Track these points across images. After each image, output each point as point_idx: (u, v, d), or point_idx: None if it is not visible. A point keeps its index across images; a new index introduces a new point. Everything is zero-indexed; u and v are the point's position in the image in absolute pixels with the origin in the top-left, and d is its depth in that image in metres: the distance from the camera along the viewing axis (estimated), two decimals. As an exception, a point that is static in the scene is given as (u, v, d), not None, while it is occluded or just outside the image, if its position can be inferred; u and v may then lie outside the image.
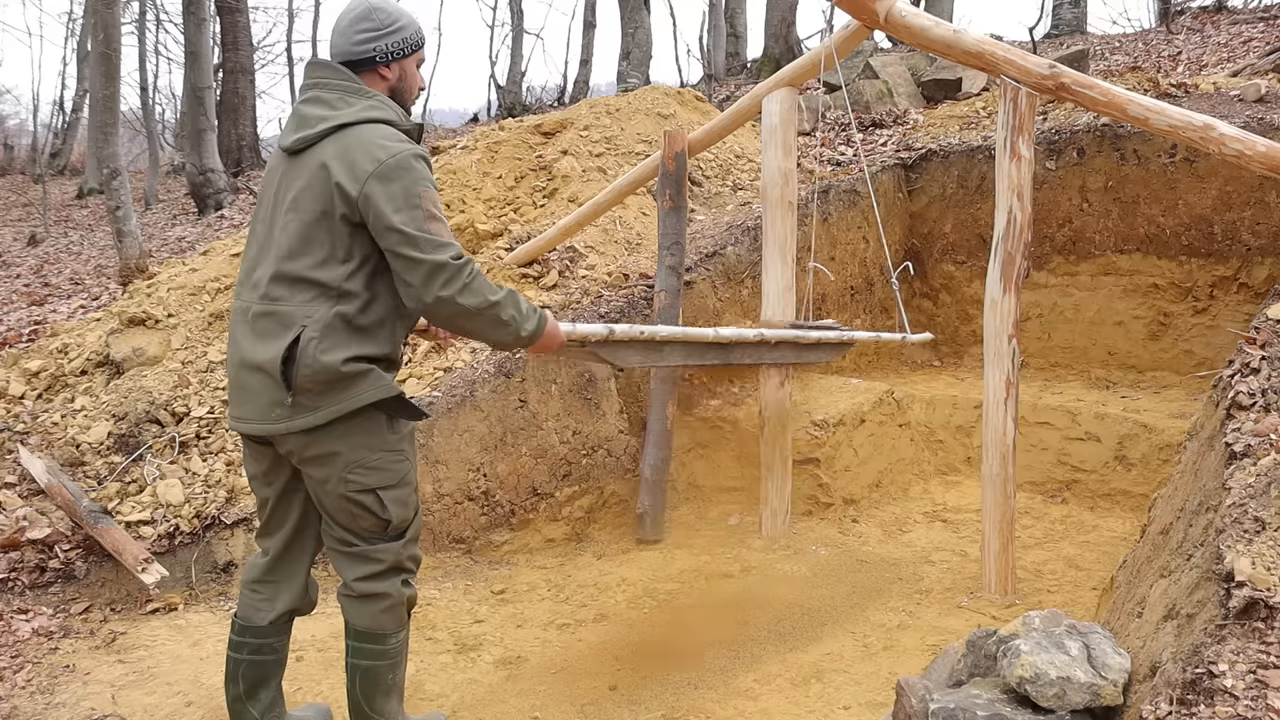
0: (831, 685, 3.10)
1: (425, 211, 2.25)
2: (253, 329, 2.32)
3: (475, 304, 2.28)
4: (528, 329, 2.41)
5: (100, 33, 8.75)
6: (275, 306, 2.29)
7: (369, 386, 2.30)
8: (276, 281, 2.29)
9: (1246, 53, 8.76)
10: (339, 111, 2.33)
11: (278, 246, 2.32)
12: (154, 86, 21.62)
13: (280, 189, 2.37)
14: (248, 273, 2.40)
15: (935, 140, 6.48)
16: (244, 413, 2.35)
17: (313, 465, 2.34)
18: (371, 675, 2.48)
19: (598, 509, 4.56)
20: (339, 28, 2.42)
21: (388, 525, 2.42)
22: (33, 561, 3.57)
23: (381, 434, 2.37)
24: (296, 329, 2.25)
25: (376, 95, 2.39)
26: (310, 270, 2.27)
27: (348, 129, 2.30)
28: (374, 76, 2.42)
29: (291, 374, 2.25)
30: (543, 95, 19.05)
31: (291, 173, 2.35)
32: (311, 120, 2.34)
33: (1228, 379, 2.81)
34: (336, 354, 2.25)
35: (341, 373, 2.26)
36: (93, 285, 9.12)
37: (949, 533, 4.44)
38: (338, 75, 2.38)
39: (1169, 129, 3.37)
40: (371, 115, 2.32)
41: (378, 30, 2.40)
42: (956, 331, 6.23)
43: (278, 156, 2.43)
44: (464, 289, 2.26)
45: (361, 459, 2.34)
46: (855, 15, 3.84)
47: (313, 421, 2.27)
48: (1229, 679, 1.69)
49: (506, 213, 5.80)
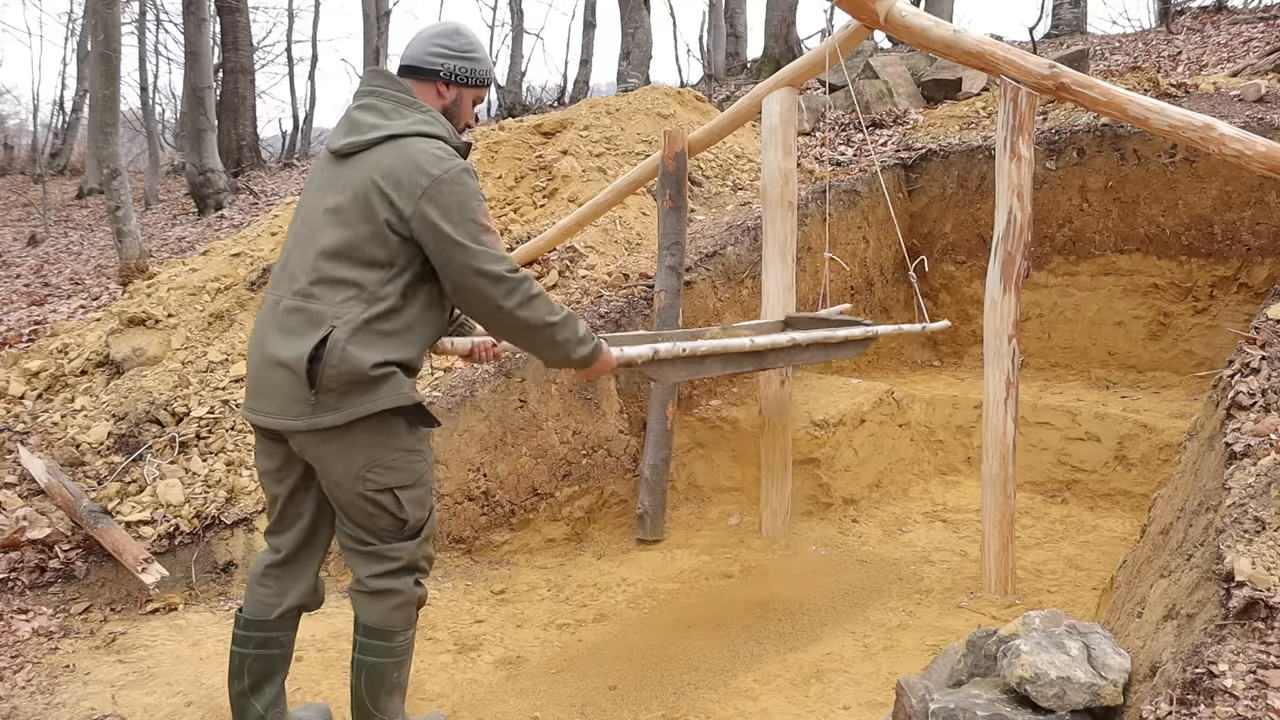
0: (831, 685, 3.10)
1: (480, 225, 2.29)
2: (281, 324, 2.34)
3: (534, 320, 2.36)
4: (580, 353, 2.49)
5: (100, 33, 8.75)
6: (307, 304, 2.31)
7: (390, 391, 2.32)
8: (313, 278, 2.32)
9: (1246, 53, 8.76)
10: (392, 121, 2.36)
11: (317, 245, 2.34)
12: (154, 86, 21.65)
13: (324, 190, 2.40)
14: (282, 266, 2.43)
15: (935, 140, 6.48)
16: (263, 406, 2.37)
17: (329, 463, 2.35)
18: (377, 672, 2.49)
19: (598, 509, 4.56)
20: (421, 35, 2.49)
21: (404, 524, 2.44)
22: (33, 561, 3.58)
23: (400, 435, 2.39)
24: (326, 328, 2.27)
25: (430, 110, 2.43)
26: (348, 272, 2.30)
27: (399, 140, 2.33)
28: (431, 90, 2.47)
29: (317, 372, 2.26)
30: (543, 95, 19.06)
31: (338, 176, 2.37)
32: (364, 127, 2.37)
33: (1228, 379, 2.81)
34: (364, 356, 2.27)
35: (367, 375, 2.28)
36: (93, 285, 9.12)
37: (949, 533, 4.44)
38: (395, 86, 2.43)
39: (1169, 129, 3.37)
40: (423, 129, 2.36)
41: (454, 51, 2.47)
42: (956, 331, 6.23)
43: (325, 158, 2.46)
44: (523, 303, 2.33)
45: (380, 459, 2.36)
46: (855, 15, 3.84)
47: (333, 421, 2.29)
48: (1229, 679, 1.69)
49: (506, 213, 5.80)
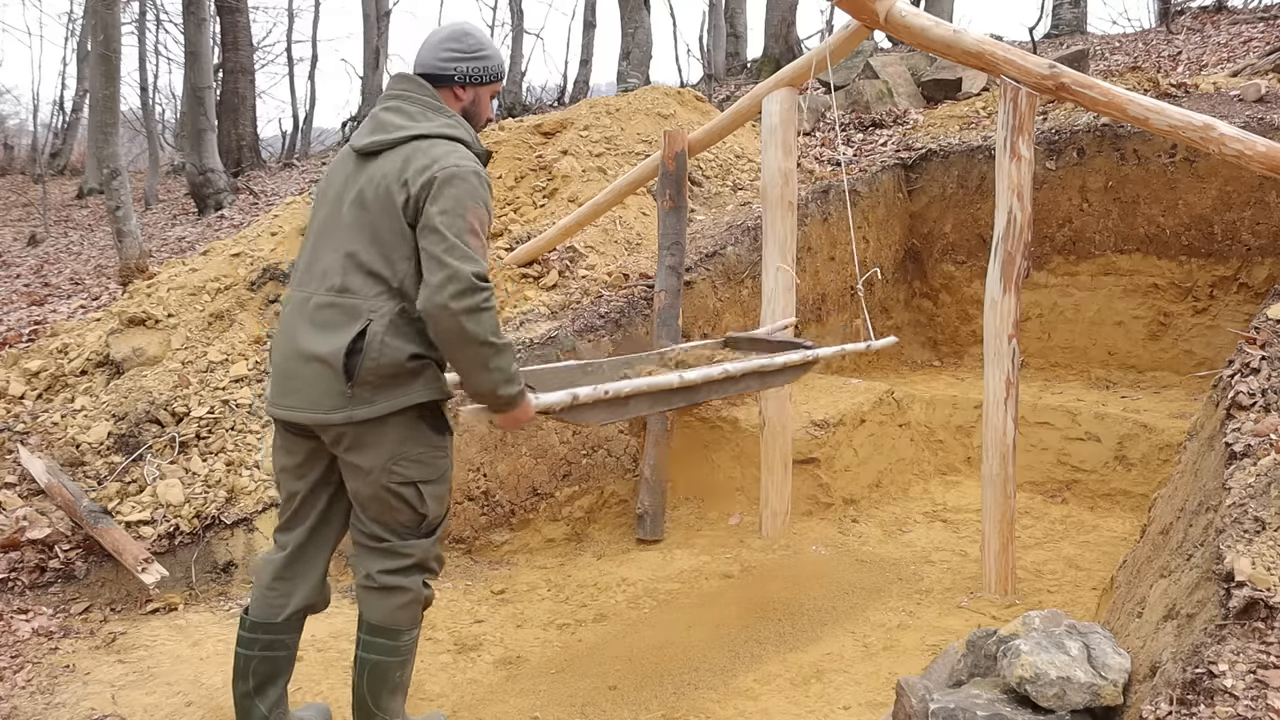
0: (831, 685, 3.10)
1: (468, 224, 2.29)
2: (313, 319, 2.36)
3: (475, 331, 2.25)
4: (506, 391, 2.36)
5: (100, 33, 8.74)
6: (341, 299, 2.33)
7: (425, 384, 2.36)
8: (346, 275, 2.34)
9: (1246, 53, 8.76)
10: (418, 124, 2.40)
11: (346, 241, 2.36)
12: (154, 86, 21.65)
13: (347, 186, 2.42)
14: (309, 264, 2.44)
15: (935, 140, 6.48)
16: (293, 401, 2.37)
17: (358, 454, 2.37)
18: (380, 671, 2.49)
19: (598, 509, 4.56)
20: (430, 42, 2.51)
21: (423, 520, 2.46)
22: (33, 561, 3.57)
23: (428, 431, 2.42)
24: (363, 321, 2.30)
25: (455, 115, 2.47)
26: (379, 267, 2.32)
27: (423, 140, 2.36)
28: (449, 95, 2.51)
29: (355, 365, 2.29)
30: (543, 95, 19.05)
31: (361, 172, 2.40)
32: (390, 127, 2.40)
33: (1228, 379, 2.81)
34: (402, 348, 2.31)
35: (405, 367, 2.32)
36: (93, 285, 9.12)
37: (949, 533, 4.44)
38: (422, 91, 2.46)
39: (1169, 129, 3.37)
40: (448, 133, 2.39)
41: (465, 53, 2.49)
42: (956, 331, 6.23)
43: (347, 155, 2.48)
44: (472, 311, 2.24)
45: (408, 452, 2.38)
46: (855, 15, 3.84)
47: (369, 414, 2.31)
48: (1229, 679, 1.69)
49: (506, 213, 5.80)
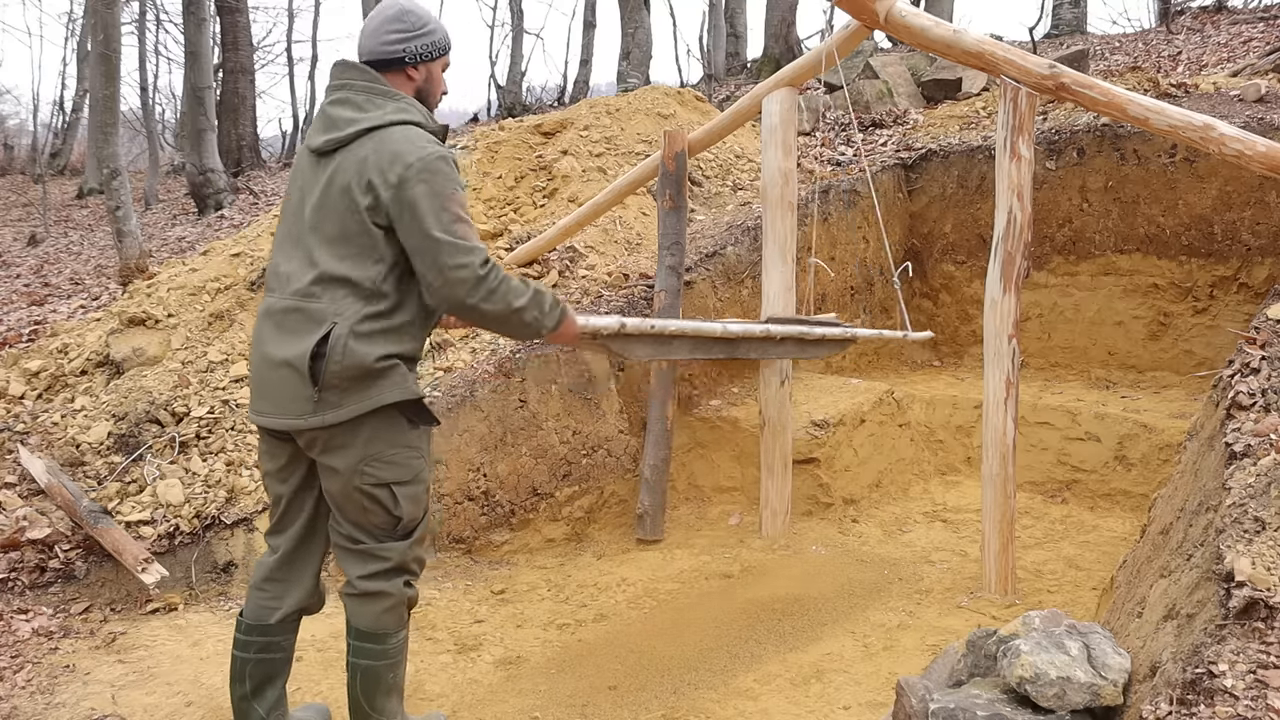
0: (831, 685, 3.10)
1: (452, 214, 2.28)
2: (279, 324, 2.34)
3: (499, 310, 2.35)
4: (548, 325, 2.49)
5: (100, 33, 8.75)
6: (306, 303, 2.31)
7: (393, 385, 2.33)
8: (310, 278, 2.31)
9: (1246, 53, 8.76)
10: (368, 114, 2.35)
11: (311, 245, 2.34)
12: (154, 86, 21.65)
13: (309, 189, 2.39)
14: (274, 270, 2.43)
15: (935, 140, 6.47)
16: (266, 407, 2.38)
17: (331, 456, 2.36)
18: (372, 674, 2.49)
19: (598, 509, 4.56)
20: (369, 29, 2.44)
21: (398, 523, 2.43)
22: (33, 561, 3.57)
23: (402, 431, 2.39)
24: (326, 325, 2.28)
25: (404, 97, 2.41)
26: (344, 269, 2.30)
27: (378, 131, 2.32)
28: (401, 78, 2.45)
29: (319, 370, 2.27)
30: (543, 95, 19.06)
31: (321, 173, 2.36)
32: (341, 122, 2.35)
33: (1228, 379, 2.80)
34: (367, 350, 2.28)
35: (371, 369, 2.29)
36: (93, 285, 9.12)
37: (949, 533, 4.44)
38: (364, 76, 2.40)
39: (1169, 129, 3.37)
40: (401, 118, 2.34)
41: (408, 32, 2.43)
42: (956, 331, 6.23)
43: (305, 157, 2.44)
44: (488, 295, 2.32)
45: (379, 453, 2.36)
46: (855, 15, 3.84)
47: (337, 418, 2.30)
48: (1229, 679, 1.69)
49: (506, 213, 5.80)
